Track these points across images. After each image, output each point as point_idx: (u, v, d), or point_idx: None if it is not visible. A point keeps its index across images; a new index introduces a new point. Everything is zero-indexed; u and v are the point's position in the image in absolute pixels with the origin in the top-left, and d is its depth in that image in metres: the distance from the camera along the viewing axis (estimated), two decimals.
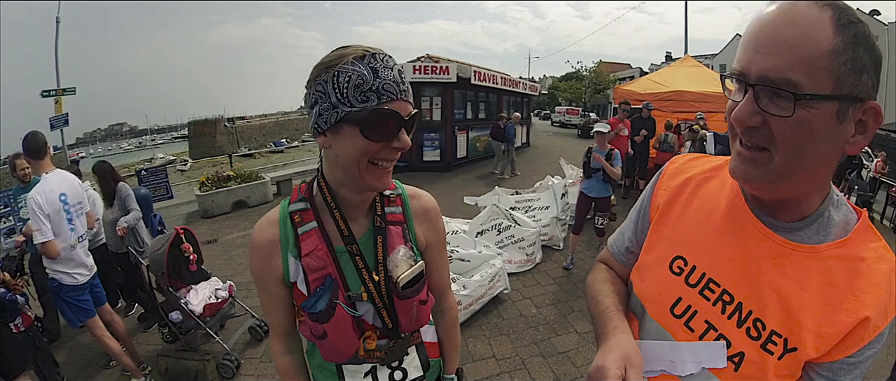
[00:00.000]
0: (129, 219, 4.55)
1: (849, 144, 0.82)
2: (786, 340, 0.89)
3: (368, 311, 1.26)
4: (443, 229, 1.49)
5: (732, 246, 0.98)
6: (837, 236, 0.90)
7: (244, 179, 10.85)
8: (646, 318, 1.10)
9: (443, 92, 14.52)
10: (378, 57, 1.07)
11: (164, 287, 4.03)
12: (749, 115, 0.82)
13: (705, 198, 1.07)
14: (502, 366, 3.98)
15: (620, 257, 1.29)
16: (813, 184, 0.89)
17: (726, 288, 0.97)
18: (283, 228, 1.24)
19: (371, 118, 1.06)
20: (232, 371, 3.92)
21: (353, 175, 1.14)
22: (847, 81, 0.76)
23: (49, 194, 3.33)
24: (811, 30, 0.76)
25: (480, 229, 6.06)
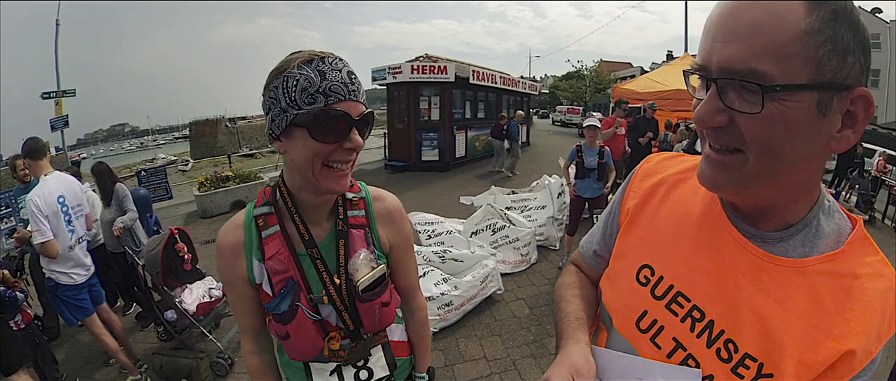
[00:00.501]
0: (126, 219, 4.60)
1: (835, 139, 0.71)
2: (761, 365, 0.78)
3: (330, 313, 1.28)
4: (408, 231, 1.51)
5: (706, 257, 0.88)
6: (827, 249, 0.79)
7: (242, 179, 10.94)
8: (613, 330, 1.00)
9: (441, 92, 14.55)
10: (326, 60, 1.09)
11: (159, 286, 4.08)
12: (712, 113, 0.73)
13: (678, 202, 0.97)
14: (493, 367, 4.00)
15: (589, 261, 1.24)
16: (796, 188, 0.79)
17: (697, 304, 0.87)
18: (248, 231, 1.26)
19: (319, 119, 1.08)
20: (225, 369, 3.97)
21: (309, 178, 1.16)
22: (828, 67, 0.65)
23: (47, 196, 3.38)
24: (778, 8, 0.65)
25: (475, 229, 6.10)
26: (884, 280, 0.76)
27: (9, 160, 4.88)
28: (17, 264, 3.98)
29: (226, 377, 3.97)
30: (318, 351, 1.30)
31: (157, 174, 10.57)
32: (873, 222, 9.97)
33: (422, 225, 6.06)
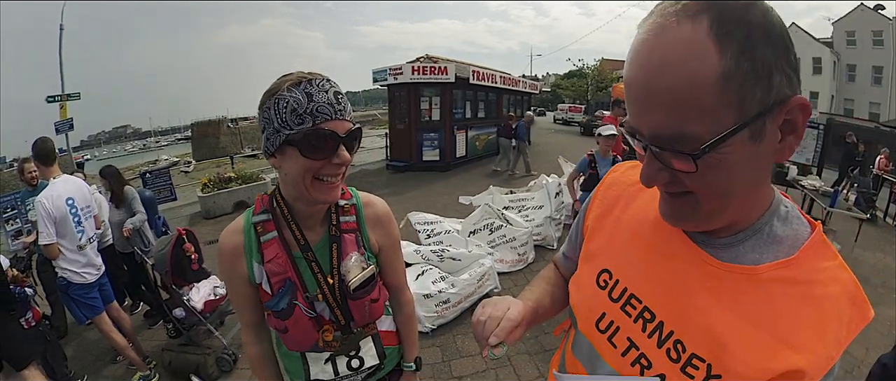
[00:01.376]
0: (135, 220, 4.75)
1: (780, 152, 0.71)
2: (709, 366, 0.80)
3: (324, 309, 1.43)
4: (396, 233, 1.64)
5: (659, 263, 0.91)
6: (782, 255, 0.80)
7: (245, 180, 11.05)
8: (577, 331, 1.05)
9: (441, 92, 14.63)
10: (314, 82, 1.19)
11: (169, 285, 4.21)
12: (654, 174, 0.76)
13: (638, 209, 1.00)
14: (489, 363, 4.11)
15: (562, 261, 1.34)
16: (753, 202, 0.81)
17: (647, 305, 0.90)
18: (248, 236, 1.39)
19: (308, 139, 1.19)
20: (230, 365, 4.10)
21: (301, 191, 1.27)
22: (752, 100, 0.64)
23: (56, 198, 3.48)
24: (691, 64, 0.63)
25: (473, 229, 6.19)
26: (840, 285, 0.77)
27: (17, 163, 4.99)
28: (24, 265, 4.10)
29: (230, 372, 4.09)
30: (313, 343, 1.45)
31: (161, 176, 10.67)
32: (875, 221, 9.94)
33: (420, 225, 6.16)
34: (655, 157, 0.73)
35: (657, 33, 0.67)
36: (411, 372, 1.80)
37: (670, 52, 0.65)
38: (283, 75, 1.25)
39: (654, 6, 0.71)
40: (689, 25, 0.64)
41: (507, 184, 10.89)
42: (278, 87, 1.20)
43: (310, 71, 1.25)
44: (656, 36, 0.67)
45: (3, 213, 6.95)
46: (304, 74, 1.23)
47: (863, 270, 6.59)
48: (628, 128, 0.76)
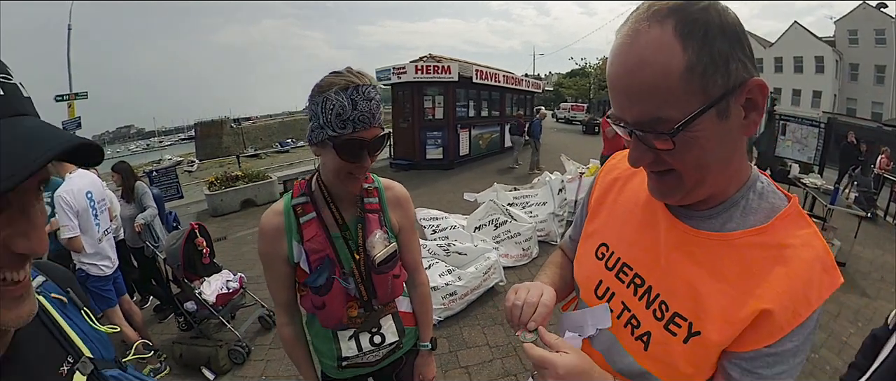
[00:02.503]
0: (146, 215, 4.82)
1: (746, 127, 0.82)
2: (690, 323, 0.90)
3: (351, 284, 1.54)
4: (413, 214, 1.78)
5: (647, 235, 1.02)
6: (757, 224, 0.89)
7: (252, 178, 11.17)
8: (579, 299, 1.21)
9: (445, 91, 14.74)
10: (360, 89, 1.30)
11: (180, 279, 4.30)
12: (640, 156, 0.87)
13: (631, 191, 1.12)
14: (495, 353, 4.20)
15: (568, 245, 1.44)
16: (730, 176, 0.90)
17: (638, 272, 1.02)
18: (288, 218, 1.51)
19: (346, 145, 1.34)
20: (243, 357, 4.17)
21: (335, 181, 1.45)
22: (714, 85, 0.76)
23: (76, 193, 3.53)
24: (661, 61, 0.75)
25: (478, 224, 6.26)
26: (812, 250, 0.85)
27: None
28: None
29: (242, 364, 4.16)
30: (342, 318, 1.56)
31: (167, 174, 10.74)
32: (875, 220, 9.92)
33: (427, 220, 6.25)
34: (639, 140, 0.85)
35: (633, 37, 0.79)
36: (427, 352, 1.90)
37: (644, 52, 0.77)
38: (334, 72, 1.37)
39: (629, 14, 0.84)
40: (659, 29, 0.76)
41: (517, 181, 10.96)
42: (329, 86, 1.31)
43: (358, 71, 1.37)
44: (632, 39, 0.79)
45: None
46: (353, 78, 1.33)
47: (862, 266, 6.67)
48: (614, 118, 0.88)
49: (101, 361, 0.88)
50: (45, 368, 0.79)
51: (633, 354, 1.01)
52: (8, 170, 0.53)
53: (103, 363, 0.88)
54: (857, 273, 6.36)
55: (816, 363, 4.03)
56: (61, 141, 0.61)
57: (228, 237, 8.24)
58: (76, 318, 0.93)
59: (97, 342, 0.92)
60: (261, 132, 61.09)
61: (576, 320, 1.12)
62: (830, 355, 4.21)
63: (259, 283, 5.88)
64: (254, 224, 9.12)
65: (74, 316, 0.93)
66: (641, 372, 1.00)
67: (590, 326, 1.07)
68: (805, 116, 13.41)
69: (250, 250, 7.52)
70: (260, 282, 5.90)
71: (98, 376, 0.84)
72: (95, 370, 0.84)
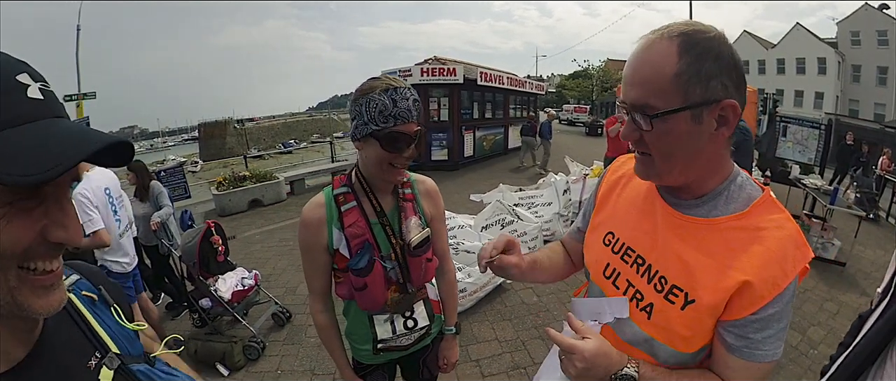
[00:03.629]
0: (162, 214, 4.92)
1: (714, 137, 1.01)
2: (686, 293, 1.07)
3: (393, 268, 1.69)
4: (442, 206, 1.96)
5: (647, 221, 1.21)
6: (737, 211, 1.06)
7: (259, 179, 11.27)
8: (590, 281, 1.39)
9: (450, 93, 14.87)
10: (398, 90, 1.49)
11: (195, 276, 4.39)
12: (629, 132, 1.07)
13: (633, 187, 1.32)
14: (504, 347, 4.30)
15: (575, 236, 1.61)
16: (700, 172, 1.08)
17: (640, 254, 1.20)
18: (329, 207, 1.66)
19: (389, 137, 1.51)
20: (258, 353, 4.26)
21: (377, 172, 1.62)
22: (694, 93, 0.96)
23: (95, 189, 3.57)
24: (659, 63, 0.97)
25: (485, 224, 6.33)
26: (784, 231, 1.02)
27: None
28: None
29: (257, 360, 4.24)
30: (384, 300, 1.72)
31: (175, 174, 10.77)
32: (878, 221, 10.02)
33: None
34: (632, 119, 1.06)
35: (647, 45, 1.02)
36: (452, 336, 2.05)
37: (650, 54, 1.01)
38: (371, 78, 1.57)
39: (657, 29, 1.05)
40: (667, 42, 0.98)
41: (527, 181, 11.04)
42: (371, 89, 1.50)
43: (394, 77, 1.55)
44: (646, 46, 1.02)
45: None
46: (392, 82, 1.52)
47: (862, 265, 6.74)
48: (621, 100, 1.09)
49: (128, 356, 0.92)
50: (72, 361, 0.83)
51: (638, 323, 1.18)
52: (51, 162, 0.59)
53: (130, 358, 0.92)
54: (859, 273, 6.42)
55: (815, 359, 4.11)
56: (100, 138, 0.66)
57: (237, 237, 8.30)
58: (105, 315, 0.97)
59: (124, 339, 0.96)
60: (264, 133, 61.10)
61: (594, 307, 1.28)
62: (830, 351, 4.23)
63: (271, 281, 6.04)
64: (262, 224, 9.30)
65: (103, 314, 0.97)
66: (646, 338, 1.16)
67: (608, 314, 1.24)
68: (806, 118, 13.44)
69: (259, 249, 7.64)
70: (272, 280, 6.04)
71: (125, 370, 0.88)
72: (123, 365, 0.88)
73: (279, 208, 10.79)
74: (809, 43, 37.41)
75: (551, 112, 17.08)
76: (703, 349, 1.12)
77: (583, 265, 1.56)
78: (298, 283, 6.05)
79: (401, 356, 1.94)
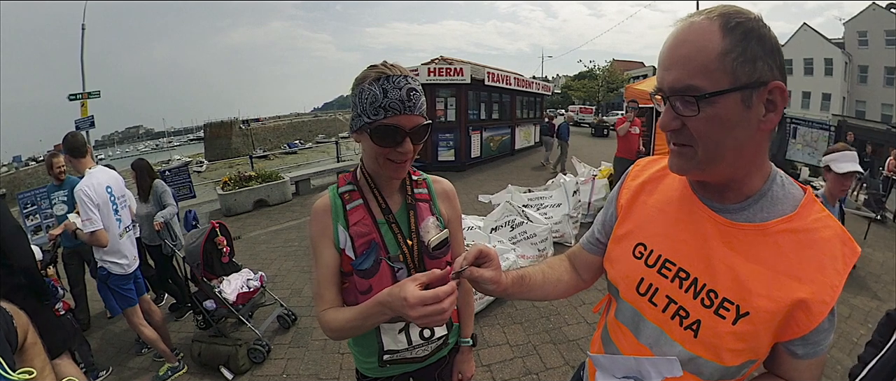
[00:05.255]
0: (166, 214, 4.84)
1: (762, 123, 0.94)
2: (738, 306, 1.00)
3: (402, 271, 1.53)
4: (459, 208, 1.81)
5: (685, 230, 1.11)
6: (785, 212, 1.00)
7: (265, 179, 11.21)
8: (619, 299, 1.26)
9: (457, 93, 14.78)
10: (391, 79, 1.34)
11: (199, 278, 4.30)
12: (669, 121, 0.99)
13: (661, 193, 1.22)
14: (516, 352, 4.21)
15: (589, 248, 1.49)
16: (746, 166, 1.01)
17: (681, 266, 1.10)
18: (335, 205, 1.52)
19: (378, 130, 1.37)
20: (263, 355, 4.17)
21: (375, 167, 1.49)
22: (742, 72, 0.89)
23: (97, 186, 3.51)
24: (701, 40, 0.90)
25: (494, 225, 6.28)
26: (830, 230, 0.98)
27: (46, 157, 5.04)
28: (50, 257, 4.16)
29: (262, 364, 4.16)
30: None
31: (180, 174, 10.74)
32: (885, 222, 9.92)
33: None
34: (671, 106, 0.97)
35: (684, 25, 0.95)
36: (468, 347, 1.91)
37: (690, 33, 0.93)
38: (371, 65, 1.42)
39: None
40: (707, 21, 0.91)
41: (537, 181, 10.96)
42: (364, 78, 1.38)
43: (393, 64, 1.41)
44: (682, 26, 0.95)
45: (24, 209, 7.07)
46: (386, 69, 1.37)
47: (873, 268, 6.66)
48: (655, 88, 1.01)
49: None
50: None
51: (682, 342, 1.09)
52: None
53: None
54: (869, 276, 6.35)
55: (827, 362, 4.01)
56: None
57: (242, 237, 8.24)
58: None
59: None
60: (269, 133, 61.33)
61: (632, 367, 1.20)
62: (841, 355, 4.23)
63: (276, 282, 5.96)
64: (267, 224, 9.24)
65: None
66: (691, 358, 1.09)
67: (654, 376, 1.15)
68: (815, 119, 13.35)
69: (265, 250, 7.56)
70: (277, 282, 5.96)
71: None
72: None
73: (284, 208, 10.72)
74: (817, 43, 37.18)
75: (570, 114, 17.17)
76: (750, 362, 1.06)
77: (593, 280, 1.52)
78: (304, 284, 5.98)
79: (414, 369, 1.79)
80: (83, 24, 14.81)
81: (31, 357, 1.26)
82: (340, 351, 4.28)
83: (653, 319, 1.15)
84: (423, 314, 1.11)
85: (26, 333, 1.35)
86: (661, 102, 1.01)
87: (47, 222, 6.99)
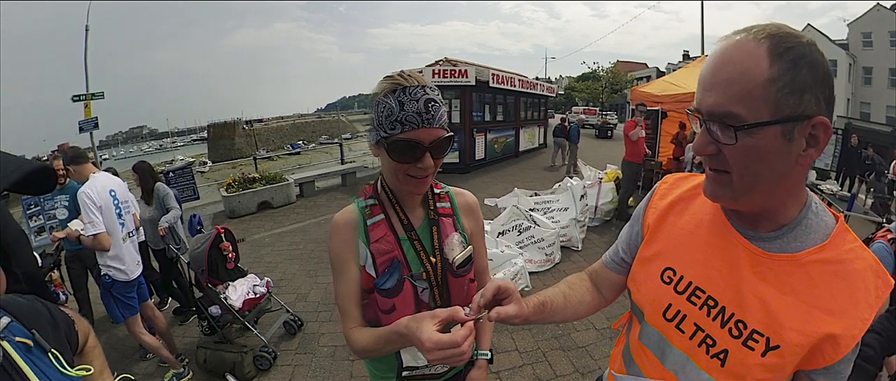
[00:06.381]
0: (170, 218, 4.79)
1: (802, 158, 0.90)
2: (768, 338, 0.97)
3: (426, 291, 1.46)
4: (482, 221, 1.74)
5: (716, 257, 1.08)
6: (817, 242, 0.97)
7: (269, 180, 11.16)
8: (644, 322, 1.22)
9: (461, 95, 14.74)
10: (407, 91, 1.27)
11: (204, 284, 4.25)
12: (704, 145, 0.95)
13: (692, 214, 1.18)
14: (525, 359, 4.15)
15: (612, 266, 1.43)
16: (782, 196, 0.98)
17: (711, 294, 1.07)
18: (359, 218, 1.46)
19: (394, 146, 1.29)
20: (269, 362, 4.11)
21: (393, 183, 1.44)
22: (786, 105, 0.84)
23: (100, 189, 3.49)
24: (747, 64, 0.84)
25: (502, 230, 6.23)
26: (864, 261, 0.95)
27: (49, 157, 5.03)
28: (53, 260, 4.13)
29: (268, 371, 4.10)
30: None
31: (184, 175, 10.69)
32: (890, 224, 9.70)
33: None
34: (707, 131, 0.93)
35: (730, 44, 0.89)
36: (485, 361, 1.84)
37: (734, 54, 0.87)
38: (386, 76, 1.35)
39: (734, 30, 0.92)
40: (755, 43, 0.85)
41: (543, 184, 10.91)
42: (380, 91, 1.31)
43: (409, 73, 1.34)
44: (728, 46, 0.89)
45: (27, 210, 7.04)
46: (402, 80, 1.30)
47: None
48: (693, 107, 0.97)
49: None
50: None
51: (708, 371, 1.06)
52: None
53: None
54: None
55: None
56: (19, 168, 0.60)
57: (246, 240, 8.20)
58: (42, 363, 0.91)
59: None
60: (273, 134, 61.49)
61: None
62: None
63: (281, 287, 5.91)
64: (271, 226, 9.20)
65: (40, 362, 0.91)
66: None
67: None
68: None
69: (269, 253, 7.52)
70: (282, 286, 5.91)
71: None
72: None
73: (288, 210, 10.67)
74: (820, 45, 36.82)
75: (582, 117, 17.25)
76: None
77: (615, 299, 1.48)
78: (310, 289, 5.93)
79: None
80: (87, 25, 14.79)
81: (90, 360, 1.29)
82: (350, 358, 4.22)
83: (679, 346, 1.13)
84: (441, 357, 1.08)
85: (87, 337, 1.38)
86: (697, 123, 0.96)
87: (50, 223, 6.96)
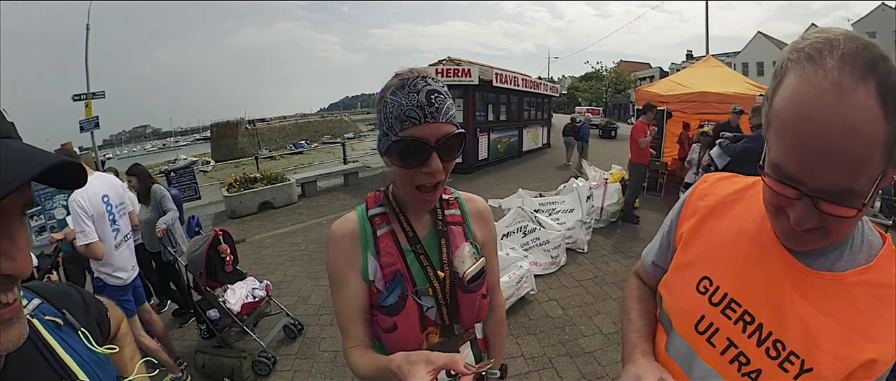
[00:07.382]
0: (167, 219, 4.71)
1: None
2: (803, 361, 0.90)
3: (431, 307, 1.33)
4: (494, 230, 1.59)
5: (757, 270, 0.99)
6: (862, 262, 0.90)
7: (270, 180, 11.09)
8: (673, 332, 1.12)
9: (464, 94, 14.64)
10: (407, 83, 1.13)
11: (202, 287, 4.16)
12: (807, 219, 0.81)
13: (733, 221, 1.09)
14: (531, 365, 4.05)
15: (649, 270, 1.36)
16: None
17: (748, 309, 0.99)
18: (364, 228, 1.33)
19: (396, 147, 1.15)
20: (268, 368, 4.03)
21: (402, 195, 1.31)
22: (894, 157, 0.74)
23: (92, 196, 3.39)
24: (870, 131, 0.69)
25: (506, 231, 6.13)
26: None
27: None
28: (51, 262, 4.06)
29: (268, 376, 4.03)
30: (418, 345, 1.34)
31: (185, 174, 10.65)
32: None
33: None
34: (812, 204, 0.79)
35: (840, 95, 0.69)
36: (496, 379, 1.72)
37: (855, 119, 0.68)
38: (396, 73, 1.21)
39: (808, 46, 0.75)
40: (864, 90, 0.68)
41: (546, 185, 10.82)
42: (386, 89, 1.18)
43: (412, 69, 1.20)
44: (839, 98, 0.69)
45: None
46: (404, 74, 1.17)
47: None
48: (786, 174, 0.80)
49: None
50: None
51: None
52: None
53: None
54: None
55: None
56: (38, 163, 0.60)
57: (247, 240, 8.13)
58: (72, 340, 0.93)
59: (94, 364, 0.92)
60: (275, 134, 61.67)
61: None
62: None
63: (281, 289, 5.82)
64: (272, 227, 9.13)
65: (70, 338, 0.93)
66: None
67: None
68: None
69: (270, 254, 7.44)
70: (282, 288, 5.82)
71: None
72: None
73: (290, 210, 10.58)
74: None
75: (588, 116, 17.39)
76: None
77: None
78: (311, 291, 5.84)
79: None
80: (87, 25, 14.73)
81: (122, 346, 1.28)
82: None
83: (708, 360, 1.03)
84: None
85: (119, 324, 1.38)
86: (793, 197, 0.81)
87: (51, 223, 6.94)
